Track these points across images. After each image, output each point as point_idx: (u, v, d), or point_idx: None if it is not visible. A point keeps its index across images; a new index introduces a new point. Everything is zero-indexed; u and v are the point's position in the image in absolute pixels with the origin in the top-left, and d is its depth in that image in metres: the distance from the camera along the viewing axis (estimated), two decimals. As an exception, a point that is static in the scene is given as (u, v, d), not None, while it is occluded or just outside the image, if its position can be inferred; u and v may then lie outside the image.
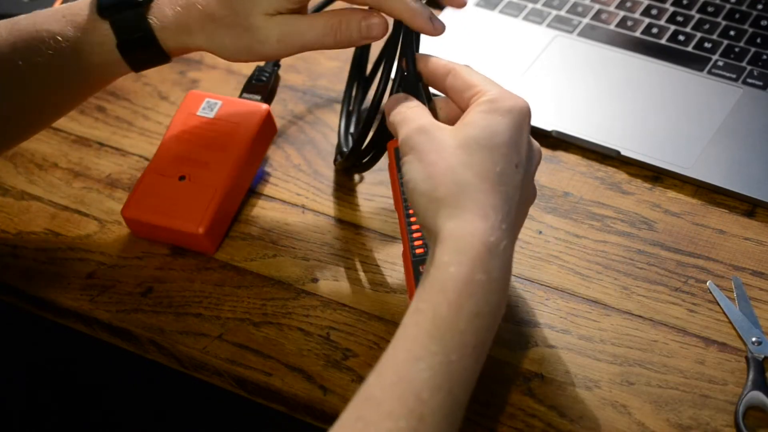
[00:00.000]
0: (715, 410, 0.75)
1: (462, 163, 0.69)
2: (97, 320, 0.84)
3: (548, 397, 0.76)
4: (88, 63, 0.81)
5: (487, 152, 0.70)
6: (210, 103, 0.90)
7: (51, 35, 0.80)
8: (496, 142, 0.70)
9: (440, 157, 0.70)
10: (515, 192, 0.70)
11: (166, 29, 0.80)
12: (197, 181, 0.86)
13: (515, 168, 0.70)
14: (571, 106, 0.95)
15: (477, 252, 0.67)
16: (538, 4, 1.03)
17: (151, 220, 0.85)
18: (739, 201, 0.87)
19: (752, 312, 0.80)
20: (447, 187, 0.69)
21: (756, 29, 0.98)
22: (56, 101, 0.85)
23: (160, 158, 0.88)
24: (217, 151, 0.87)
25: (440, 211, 0.68)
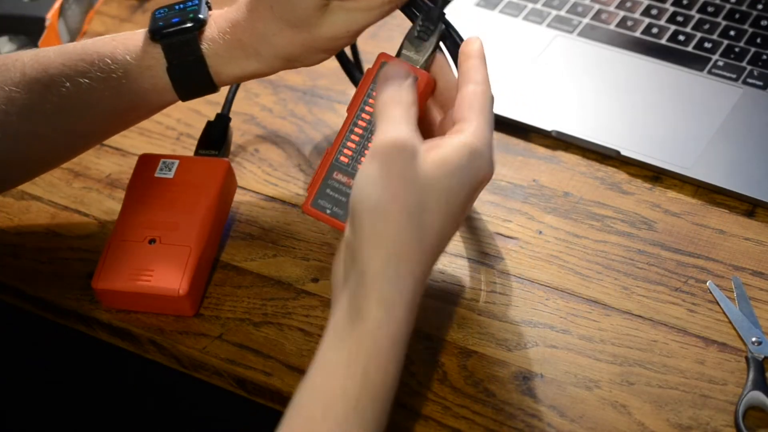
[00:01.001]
0: (715, 410, 0.75)
1: (418, 214, 0.67)
2: (97, 320, 0.84)
3: (548, 397, 0.76)
4: (136, 87, 0.80)
5: (445, 213, 0.68)
6: (167, 164, 0.87)
7: (100, 57, 0.80)
8: (455, 198, 0.68)
9: (404, 193, 0.67)
10: (444, 249, 0.70)
11: (217, 55, 0.79)
12: (169, 242, 0.83)
13: (457, 227, 0.71)
14: (571, 106, 0.95)
15: (404, 314, 0.67)
16: (538, 4, 1.03)
17: (127, 287, 0.82)
18: (739, 201, 0.87)
19: (752, 312, 0.80)
20: (398, 230, 0.66)
21: (756, 29, 0.98)
22: (102, 125, 0.83)
23: (124, 225, 0.84)
24: (184, 212, 0.84)
25: (378, 250, 0.66)
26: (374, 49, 0.99)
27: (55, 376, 1.09)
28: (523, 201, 0.89)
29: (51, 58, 0.80)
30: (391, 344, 0.66)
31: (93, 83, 0.79)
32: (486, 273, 0.84)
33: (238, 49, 0.79)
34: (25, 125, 0.80)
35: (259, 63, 0.80)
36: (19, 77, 0.80)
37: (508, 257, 0.85)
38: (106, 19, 1.09)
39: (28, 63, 0.80)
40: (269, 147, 0.95)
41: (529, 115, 0.94)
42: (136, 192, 0.86)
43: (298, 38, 0.78)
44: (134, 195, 0.86)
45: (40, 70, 0.80)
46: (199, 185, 0.85)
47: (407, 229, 0.67)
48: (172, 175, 0.86)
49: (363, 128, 0.77)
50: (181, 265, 0.81)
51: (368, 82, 0.77)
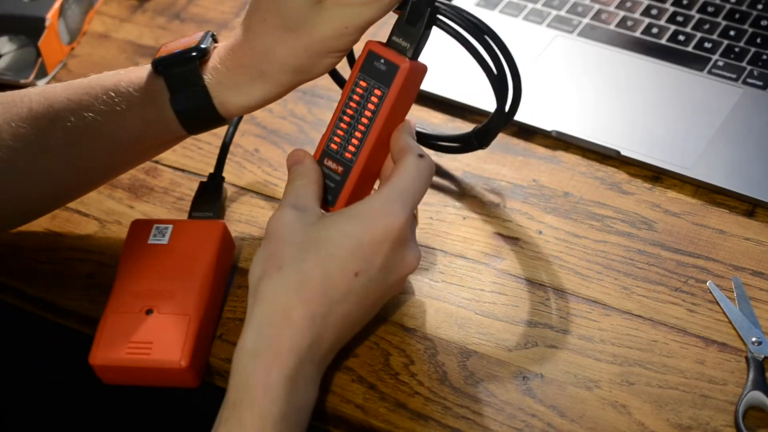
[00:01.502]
0: (715, 410, 0.75)
1: (294, 266, 0.72)
2: (97, 320, 0.84)
3: (548, 397, 0.76)
4: (141, 119, 0.79)
5: (320, 260, 0.72)
6: (160, 229, 0.84)
7: (104, 90, 0.79)
8: (336, 248, 0.72)
9: (276, 253, 0.73)
10: (342, 297, 0.72)
11: (221, 84, 0.78)
12: (167, 311, 0.80)
13: (353, 276, 0.72)
14: (571, 106, 0.95)
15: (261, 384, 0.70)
16: (538, 4, 1.03)
17: (126, 362, 0.78)
18: (739, 201, 0.87)
19: (752, 312, 0.80)
20: (270, 281, 0.72)
21: (756, 29, 0.98)
22: (110, 159, 0.82)
23: (118, 297, 0.81)
24: (181, 279, 0.81)
25: (258, 286, 0.72)
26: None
27: (55, 376, 1.09)
28: (523, 201, 0.89)
29: (57, 93, 0.80)
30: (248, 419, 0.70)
31: (97, 116, 0.79)
32: (486, 273, 0.84)
33: (241, 74, 0.78)
34: (34, 161, 0.80)
35: (265, 84, 0.78)
36: (26, 113, 0.80)
37: (508, 257, 0.85)
38: (106, 19, 1.09)
39: (35, 99, 0.80)
40: (269, 147, 0.95)
41: (529, 115, 0.94)
42: (129, 260, 0.83)
43: (299, 44, 0.76)
44: (128, 264, 0.83)
45: (46, 105, 0.80)
46: (194, 250, 0.83)
47: (277, 279, 0.72)
48: (167, 241, 0.83)
49: (350, 116, 0.77)
50: (181, 336, 0.78)
51: (356, 70, 0.77)
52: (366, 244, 0.72)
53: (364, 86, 0.77)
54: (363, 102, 0.77)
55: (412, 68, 0.76)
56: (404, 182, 0.75)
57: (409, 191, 0.74)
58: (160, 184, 0.93)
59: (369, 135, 0.77)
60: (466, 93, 0.96)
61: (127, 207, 0.91)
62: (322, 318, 0.72)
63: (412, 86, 0.78)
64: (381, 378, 0.78)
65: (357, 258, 0.72)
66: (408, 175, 0.75)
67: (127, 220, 0.90)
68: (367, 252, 0.73)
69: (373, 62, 0.77)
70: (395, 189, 0.74)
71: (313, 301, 0.71)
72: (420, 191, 0.75)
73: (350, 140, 0.77)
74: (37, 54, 1.02)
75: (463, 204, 0.89)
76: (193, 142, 0.95)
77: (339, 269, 0.72)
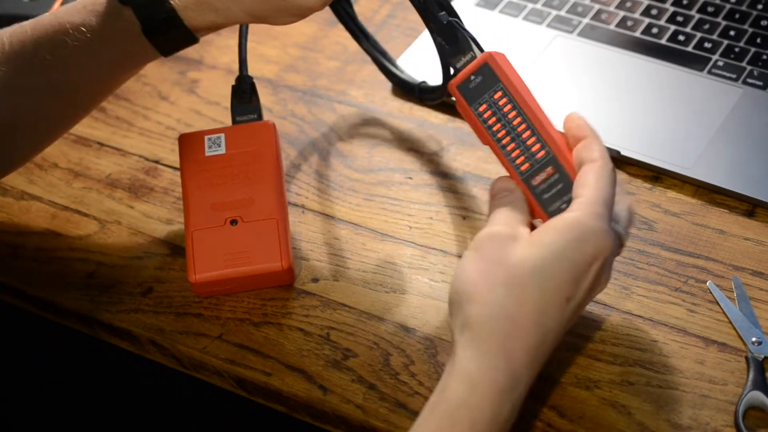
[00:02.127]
0: (715, 410, 0.75)
1: (505, 292, 0.69)
2: (97, 320, 0.84)
3: (548, 397, 0.76)
4: (115, 51, 0.80)
5: (540, 290, 0.69)
6: (213, 140, 0.85)
7: (74, 27, 0.79)
8: (552, 272, 0.69)
9: (492, 271, 0.69)
10: (556, 325, 0.69)
11: (188, 8, 0.78)
12: (252, 218, 0.82)
13: (565, 302, 0.69)
14: (571, 106, 0.95)
15: (490, 394, 0.67)
16: (538, 4, 1.03)
17: (227, 274, 0.81)
18: (739, 201, 0.87)
19: (752, 312, 0.80)
20: (480, 307, 0.69)
21: (756, 29, 0.98)
22: (88, 92, 0.83)
23: (196, 214, 0.82)
24: (253, 183, 0.83)
25: (464, 330, 0.69)
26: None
27: (55, 376, 1.09)
28: (523, 201, 0.89)
29: (27, 34, 0.80)
30: (470, 424, 0.66)
31: (71, 52, 0.79)
32: (486, 273, 0.84)
33: (206, 3, 0.78)
34: (13, 101, 0.81)
35: (228, 16, 0.79)
36: (0, 55, 0.80)
37: (508, 257, 0.85)
38: (106, 19, 1.09)
39: (7, 40, 0.81)
40: (269, 147, 0.95)
41: (529, 115, 0.94)
42: (194, 176, 0.84)
43: (268, 1, 0.77)
44: (193, 179, 0.84)
45: (19, 47, 0.80)
46: (256, 153, 0.84)
47: (494, 305, 0.68)
48: (224, 150, 0.85)
49: (507, 135, 0.75)
50: (274, 239, 0.81)
51: (467, 108, 0.76)
52: (578, 265, 0.70)
53: (485, 107, 0.76)
54: (500, 115, 0.76)
55: (493, 54, 0.76)
56: (604, 193, 0.72)
57: (608, 202, 0.72)
58: (160, 184, 0.93)
59: (533, 120, 0.75)
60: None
61: (127, 207, 0.91)
62: (535, 350, 0.69)
63: (507, 64, 0.77)
64: (381, 378, 0.78)
65: (569, 281, 0.69)
66: (605, 185, 0.72)
67: (127, 220, 0.90)
68: (577, 273, 0.70)
69: (468, 87, 0.76)
70: (604, 201, 0.71)
71: (530, 333, 0.68)
72: (618, 206, 0.73)
73: (528, 148, 0.75)
74: (37, 54, 1.02)
75: (463, 204, 0.89)
76: (193, 142, 0.95)
77: (553, 294, 0.69)
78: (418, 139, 0.94)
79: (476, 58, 0.77)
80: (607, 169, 0.73)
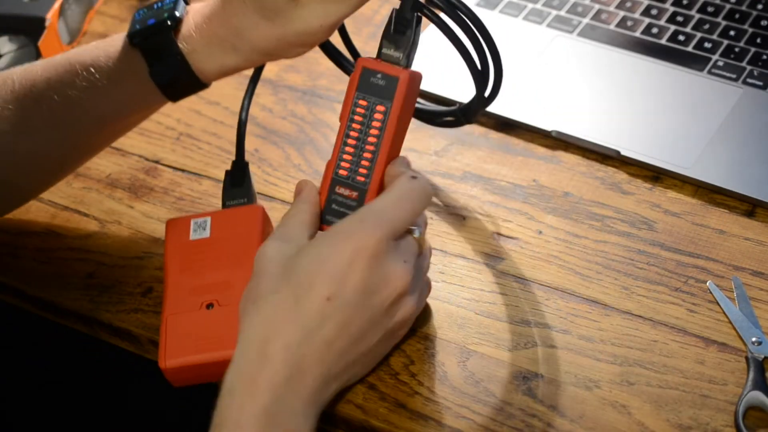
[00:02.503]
0: (715, 410, 0.75)
1: (269, 290, 0.71)
2: (97, 320, 0.84)
3: (548, 397, 0.76)
4: (123, 93, 0.80)
5: (289, 284, 0.70)
6: (199, 223, 0.83)
7: (84, 67, 0.79)
8: (302, 270, 0.70)
9: (266, 271, 0.72)
10: (319, 325, 0.70)
11: (196, 52, 0.78)
12: (228, 302, 0.79)
13: (325, 300, 0.69)
14: (571, 106, 0.95)
15: (245, 390, 0.69)
16: (538, 4, 1.03)
17: (200, 359, 0.77)
18: (739, 201, 0.87)
19: (752, 312, 0.80)
20: (244, 319, 0.71)
21: (756, 29, 0.98)
22: (97, 133, 0.83)
23: (174, 298, 0.80)
24: (234, 267, 0.80)
25: (240, 323, 0.71)
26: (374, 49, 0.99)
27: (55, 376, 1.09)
28: (523, 201, 0.89)
29: (38, 73, 0.80)
30: (233, 423, 0.68)
31: (80, 93, 0.79)
32: (486, 273, 0.84)
33: (215, 44, 0.78)
34: (21, 141, 0.80)
35: (237, 57, 0.79)
36: (10, 94, 0.80)
37: (508, 257, 0.85)
38: (106, 19, 1.09)
39: (17, 80, 0.81)
40: (269, 147, 0.95)
41: (529, 115, 0.94)
42: (176, 259, 0.82)
43: (273, 33, 0.77)
44: (175, 263, 0.82)
45: (28, 86, 0.80)
46: (240, 237, 0.82)
47: (252, 314, 0.71)
48: (209, 234, 0.83)
49: (356, 138, 0.76)
50: None
51: (353, 90, 0.76)
52: (332, 264, 0.70)
53: (364, 105, 0.76)
54: (366, 121, 0.76)
55: (411, 77, 0.76)
56: (383, 202, 0.73)
57: (387, 211, 0.72)
58: (160, 184, 0.93)
59: (380, 153, 0.75)
60: (466, 93, 0.96)
61: (127, 207, 0.91)
62: (297, 347, 0.69)
63: (413, 94, 0.77)
64: (381, 378, 0.78)
65: (324, 280, 0.70)
66: (390, 196, 0.73)
67: (127, 220, 0.90)
68: (335, 272, 0.70)
69: (370, 79, 0.76)
70: (371, 208, 0.72)
71: (286, 332, 0.69)
72: (405, 211, 0.73)
73: (360, 162, 0.76)
74: (37, 54, 1.02)
75: (463, 204, 0.89)
76: (193, 142, 0.95)
77: (308, 294, 0.70)
78: (418, 139, 0.94)
79: (400, 64, 0.76)
80: (400, 181, 0.73)
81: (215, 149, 0.95)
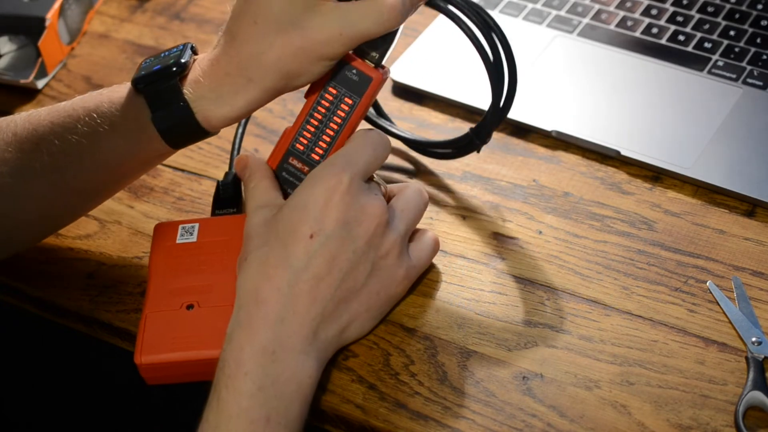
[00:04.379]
0: (715, 410, 0.75)
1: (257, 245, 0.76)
2: (97, 320, 0.84)
3: (548, 397, 0.76)
4: (124, 140, 0.79)
5: (274, 234, 0.76)
6: (187, 228, 0.84)
7: (86, 112, 0.79)
8: (283, 218, 0.75)
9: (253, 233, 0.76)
10: (305, 263, 0.74)
11: (203, 98, 0.77)
12: (208, 304, 0.80)
13: (309, 238, 0.74)
14: (571, 106, 0.95)
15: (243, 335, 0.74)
16: (538, 4, 1.03)
17: (175, 357, 0.78)
18: (739, 201, 0.87)
19: (752, 312, 0.80)
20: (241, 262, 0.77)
21: (756, 29, 0.98)
22: (95, 182, 0.82)
23: (155, 297, 0.81)
24: (218, 271, 0.81)
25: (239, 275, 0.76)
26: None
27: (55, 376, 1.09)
28: (523, 201, 0.89)
29: (41, 117, 0.80)
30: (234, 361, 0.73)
31: (81, 138, 0.78)
32: (486, 273, 0.84)
33: (225, 85, 0.77)
34: (20, 184, 0.80)
35: (249, 92, 0.77)
36: (11, 137, 0.80)
37: (508, 257, 0.85)
38: (106, 18, 1.09)
39: (20, 123, 0.81)
40: (269, 147, 0.95)
41: (529, 115, 0.94)
42: (160, 261, 0.83)
43: (290, 47, 0.75)
44: (160, 264, 0.83)
45: (30, 130, 0.80)
46: (226, 243, 0.82)
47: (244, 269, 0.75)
48: (195, 239, 0.84)
49: (319, 120, 0.80)
50: (226, 325, 0.76)
51: (327, 76, 0.79)
52: (311, 205, 0.74)
53: (334, 93, 0.79)
54: (332, 108, 0.79)
55: (383, 79, 0.79)
56: (348, 148, 0.77)
57: (351, 154, 0.77)
58: (160, 184, 0.93)
59: (338, 140, 0.80)
60: (466, 93, 0.96)
61: (127, 207, 0.91)
62: (288, 287, 0.73)
63: (377, 93, 0.81)
64: (381, 378, 0.78)
65: (306, 221, 0.74)
66: (353, 143, 0.78)
67: (127, 220, 0.90)
68: (314, 212, 0.74)
69: (344, 71, 0.79)
70: (338, 154, 0.77)
71: (276, 275, 0.74)
72: (368, 155, 0.77)
73: (317, 143, 0.80)
74: (37, 54, 1.02)
75: (463, 204, 0.89)
76: (193, 142, 0.95)
77: (293, 237, 0.74)
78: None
79: (375, 63, 0.79)
80: (366, 134, 0.78)
81: (215, 149, 0.95)
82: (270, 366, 0.71)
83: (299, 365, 0.73)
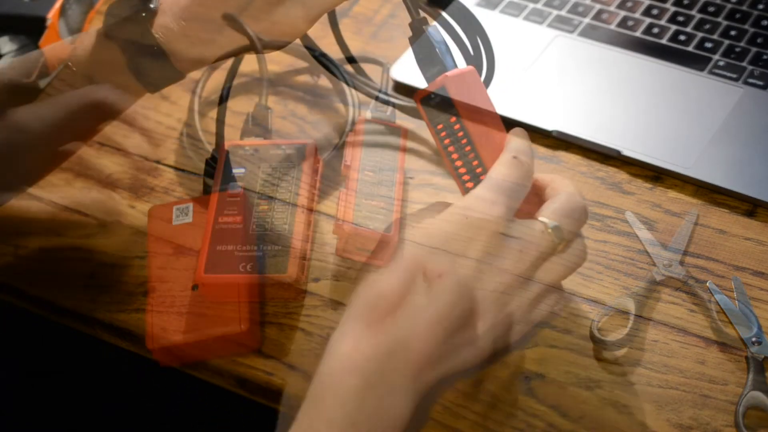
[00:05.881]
0: (715, 410, 0.75)
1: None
2: (97, 320, 0.84)
3: (549, 397, 0.76)
4: (103, 86, 0.80)
5: None
6: (181, 209, 0.85)
7: (61, 62, 0.79)
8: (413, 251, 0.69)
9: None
10: (428, 301, 0.66)
11: (173, 42, 0.79)
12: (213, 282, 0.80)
13: (437, 277, 0.66)
14: (572, 106, 0.95)
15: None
16: (539, 4, 1.03)
17: (186, 339, 0.79)
18: (739, 201, 0.87)
19: (752, 312, 0.80)
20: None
21: (757, 29, 0.98)
22: (77, 129, 0.83)
23: (158, 280, 0.82)
24: None
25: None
26: (374, 49, 0.99)
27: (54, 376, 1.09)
28: (523, 201, 0.89)
29: (15, 68, 0.82)
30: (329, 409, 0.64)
31: (59, 87, 0.80)
32: (486, 273, 0.84)
33: (193, 35, 0.78)
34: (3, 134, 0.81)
35: (215, 50, 0.79)
36: None
37: (509, 257, 0.85)
38: (107, 19, 1.09)
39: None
40: (269, 147, 0.95)
41: (529, 115, 0.94)
42: (159, 244, 0.84)
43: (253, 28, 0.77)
44: (158, 247, 0.84)
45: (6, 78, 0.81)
46: None
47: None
48: (191, 219, 0.84)
49: (457, 154, 0.76)
50: (235, 302, 0.78)
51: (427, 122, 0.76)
52: (446, 240, 0.69)
53: (441, 127, 0.75)
54: (453, 138, 0.75)
55: (455, 75, 0.75)
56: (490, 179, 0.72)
57: (498, 184, 0.72)
58: (160, 184, 0.93)
59: (478, 149, 0.75)
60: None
61: (127, 207, 0.91)
62: (403, 320, 0.66)
63: (469, 86, 0.76)
64: (381, 378, 0.78)
65: (433, 257, 0.68)
66: (497, 169, 0.73)
67: (127, 220, 0.90)
68: (449, 247, 0.69)
69: (430, 103, 0.75)
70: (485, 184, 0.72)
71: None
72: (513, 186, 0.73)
73: (470, 161, 0.75)
74: (38, 54, 1.02)
75: (463, 204, 0.89)
76: (194, 142, 0.95)
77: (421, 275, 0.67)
78: (418, 139, 0.94)
79: (442, 73, 0.75)
80: (505, 158, 0.73)
81: (215, 149, 0.95)
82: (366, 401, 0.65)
83: (397, 403, 0.66)
